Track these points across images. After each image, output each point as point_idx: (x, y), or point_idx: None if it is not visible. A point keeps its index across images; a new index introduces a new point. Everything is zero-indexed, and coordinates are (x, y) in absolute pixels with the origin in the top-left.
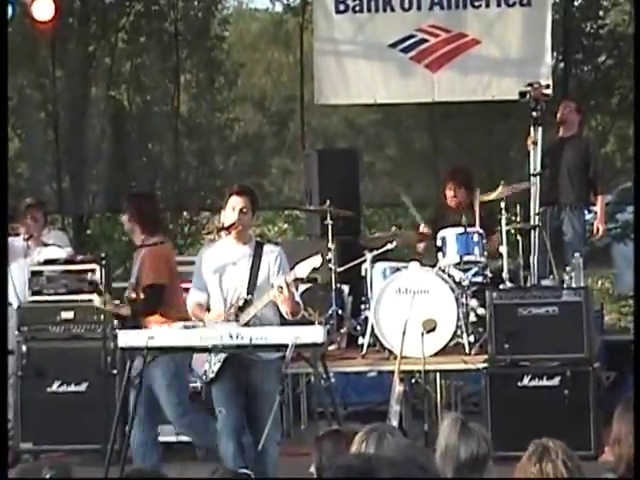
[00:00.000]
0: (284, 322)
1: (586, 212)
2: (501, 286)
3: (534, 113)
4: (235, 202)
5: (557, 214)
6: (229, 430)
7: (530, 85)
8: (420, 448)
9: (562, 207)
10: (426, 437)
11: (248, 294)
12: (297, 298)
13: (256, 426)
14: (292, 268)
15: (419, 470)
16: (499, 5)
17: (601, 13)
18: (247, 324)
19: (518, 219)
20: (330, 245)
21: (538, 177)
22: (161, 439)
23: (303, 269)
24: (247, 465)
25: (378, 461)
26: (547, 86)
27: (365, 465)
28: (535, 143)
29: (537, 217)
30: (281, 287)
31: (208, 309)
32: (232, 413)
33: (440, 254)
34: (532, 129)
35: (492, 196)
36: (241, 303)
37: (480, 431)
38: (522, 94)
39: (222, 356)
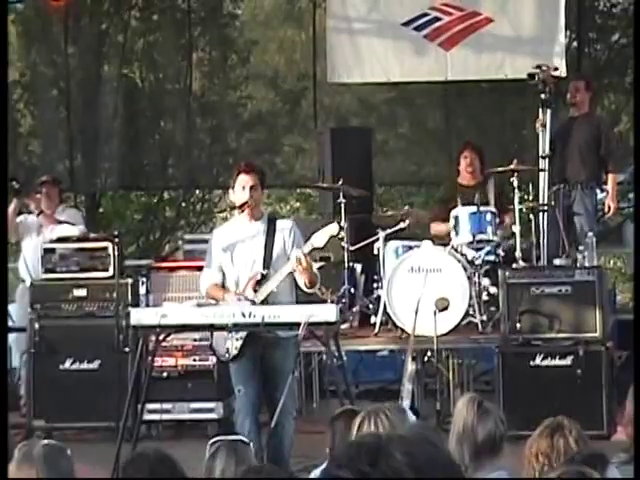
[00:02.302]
0: (298, 301)
1: (598, 191)
2: (514, 265)
3: (543, 95)
4: (244, 180)
5: (568, 193)
6: (247, 409)
7: (539, 67)
8: (425, 425)
9: (573, 186)
10: (438, 416)
11: (264, 269)
12: (314, 269)
13: (274, 403)
14: (308, 239)
15: (430, 446)
16: None
17: None
18: (266, 299)
19: (531, 198)
20: (342, 223)
21: (547, 159)
22: (173, 417)
23: (320, 238)
24: (261, 442)
25: (389, 438)
26: (556, 68)
27: (376, 441)
28: (544, 125)
29: (549, 196)
30: (299, 258)
31: (223, 287)
32: (250, 392)
33: (453, 233)
34: (541, 111)
35: (501, 169)
36: (258, 278)
37: (496, 411)
38: (531, 76)
39: (243, 334)
